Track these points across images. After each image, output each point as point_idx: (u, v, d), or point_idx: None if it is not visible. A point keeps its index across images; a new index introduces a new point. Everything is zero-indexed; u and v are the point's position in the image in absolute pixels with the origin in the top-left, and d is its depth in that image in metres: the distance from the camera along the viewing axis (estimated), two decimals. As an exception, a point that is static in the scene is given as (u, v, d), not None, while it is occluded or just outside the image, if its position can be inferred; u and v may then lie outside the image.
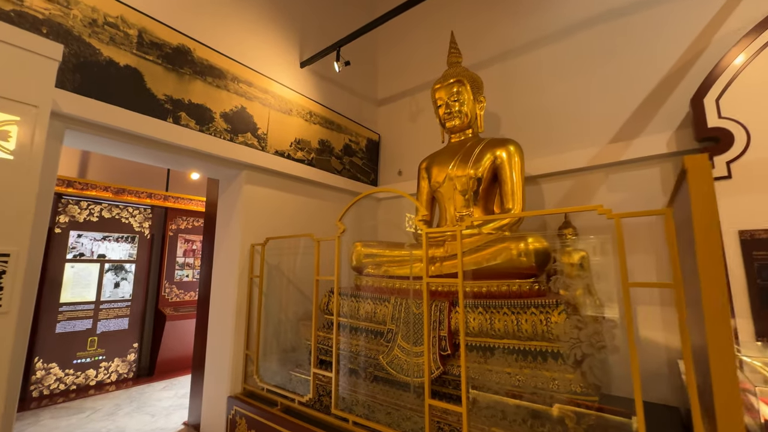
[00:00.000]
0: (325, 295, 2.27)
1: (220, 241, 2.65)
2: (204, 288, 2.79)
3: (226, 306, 2.44)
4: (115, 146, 1.97)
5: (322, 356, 2.09)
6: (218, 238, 2.68)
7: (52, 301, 3.42)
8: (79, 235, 3.64)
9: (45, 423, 2.71)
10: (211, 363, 2.49)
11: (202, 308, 2.78)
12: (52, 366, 3.35)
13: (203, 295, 2.80)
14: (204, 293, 2.78)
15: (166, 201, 4.21)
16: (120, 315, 3.81)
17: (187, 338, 4.11)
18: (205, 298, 2.74)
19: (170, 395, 3.30)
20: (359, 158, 3.53)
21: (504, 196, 2.24)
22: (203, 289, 2.80)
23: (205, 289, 2.78)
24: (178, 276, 4.33)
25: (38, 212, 1.59)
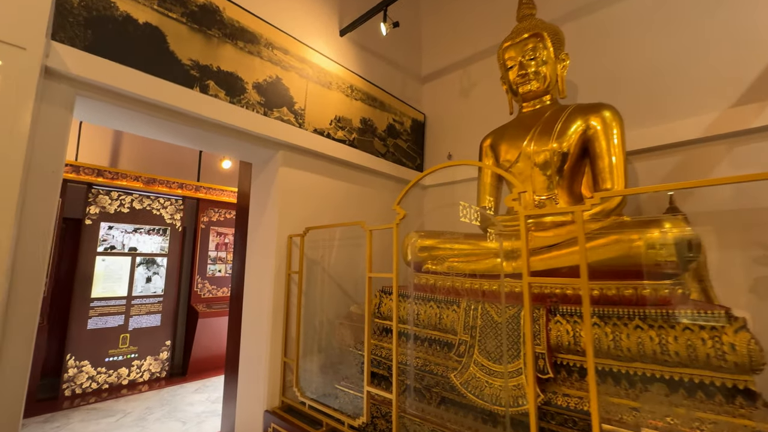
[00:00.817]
0: (375, 295, 1.91)
1: (254, 232, 2.35)
2: (237, 284, 2.51)
3: (261, 306, 2.14)
4: (133, 119, 1.69)
5: (374, 368, 1.74)
6: (252, 230, 2.39)
7: (83, 295, 3.29)
8: (110, 227, 3.50)
9: (73, 427, 2.54)
10: (246, 370, 2.21)
11: (235, 306, 2.51)
12: (84, 364, 3.23)
13: (236, 292, 2.52)
14: (237, 290, 2.51)
15: (198, 192, 4.02)
16: (152, 311, 3.66)
17: (220, 337, 3.91)
18: (238, 295, 2.46)
19: (202, 399, 3.09)
20: (404, 140, 3.15)
21: (599, 174, 1.79)
22: (236, 286, 2.53)
23: (238, 285, 2.50)
24: (210, 271, 4.14)
25: (38, 194, 1.33)
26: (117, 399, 3.10)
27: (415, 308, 1.75)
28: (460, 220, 2.70)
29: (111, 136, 3.86)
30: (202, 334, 3.76)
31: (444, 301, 1.66)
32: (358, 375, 1.92)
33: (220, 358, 3.95)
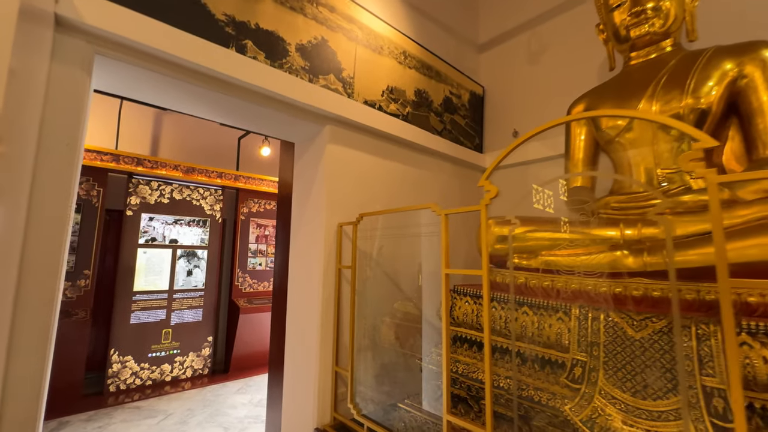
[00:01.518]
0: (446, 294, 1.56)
1: (298, 222, 2.08)
2: (280, 280, 2.26)
3: (308, 306, 1.86)
4: (159, 85, 1.44)
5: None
6: (295, 219, 2.11)
7: (126, 289, 3.22)
8: (151, 218, 3.41)
9: (115, 428, 2.43)
10: (292, 378, 1.95)
11: (278, 303, 2.27)
12: (128, 359, 3.16)
13: (279, 288, 2.28)
14: (280, 286, 2.26)
15: (237, 181, 3.86)
16: (193, 306, 3.55)
17: (262, 333, 3.75)
18: (281, 291, 2.22)
19: (245, 401, 2.91)
20: (461, 116, 2.76)
21: (758, 137, 1.32)
22: (279, 281, 2.28)
23: (280, 281, 2.25)
24: (251, 264, 3.99)
25: (48, 172, 1.10)
26: (160, 397, 3.00)
27: (501, 314, 1.38)
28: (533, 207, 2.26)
29: (150, 124, 3.78)
30: (244, 331, 3.61)
31: (544, 307, 1.28)
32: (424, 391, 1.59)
33: (263, 356, 3.79)
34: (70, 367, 2.79)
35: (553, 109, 2.57)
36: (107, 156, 3.13)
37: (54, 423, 2.53)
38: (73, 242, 3.02)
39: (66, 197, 1.16)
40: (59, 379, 2.75)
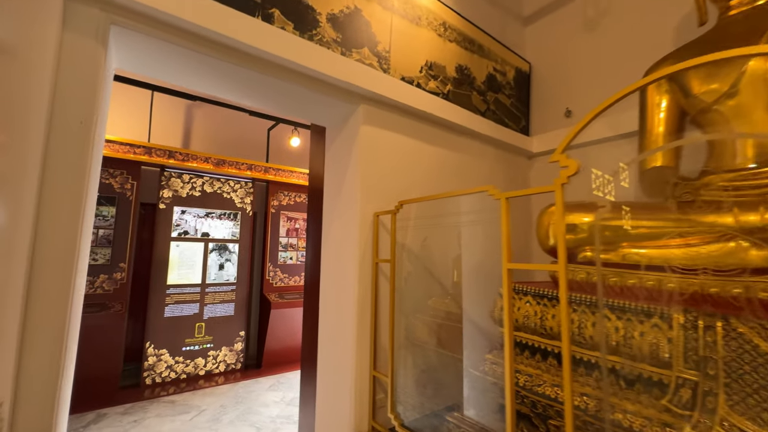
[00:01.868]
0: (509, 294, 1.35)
1: (330, 213, 1.93)
2: (311, 275, 2.13)
3: (342, 304, 1.71)
4: (180, 60, 1.32)
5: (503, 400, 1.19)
6: (327, 210, 1.97)
7: (160, 282, 3.23)
8: (183, 211, 3.39)
9: (148, 424, 2.41)
10: (325, 380, 1.81)
11: (310, 299, 2.14)
12: (163, 352, 3.17)
13: (310, 284, 2.15)
14: (311, 281, 2.13)
15: (267, 173, 3.78)
16: (226, 300, 3.52)
17: (294, 329, 3.68)
18: (313, 287, 2.08)
19: (277, 399, 2.83)
20: (506, 95, 2.50)
21: None
22: (310, 277, 2.15)
23: (312, 276, 2.12)
24: (281, 258, 3.92)
25: (60, 154, 1.00)
26: (194, 392, 2.98)
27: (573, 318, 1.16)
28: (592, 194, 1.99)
29: (182, 116, 3.77)
30: (276, 326, 3.54)
31: (632, 311, 1.04)
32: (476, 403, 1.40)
33: (295, 352, 3.73)
34: (107, 359, 2.81)
35: (616, 82, 2.26)
36: (140, 149, 3.13)
37: (92, 415, 2.55)
38: (108, 235, 3.04)
39: (80, 179, 1.05)
40: (97, 370, 2.78)
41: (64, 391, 1.09)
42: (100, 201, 3.02)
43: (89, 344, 2.73)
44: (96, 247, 2.99)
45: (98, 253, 2.99)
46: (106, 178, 3.07)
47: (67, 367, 1.09)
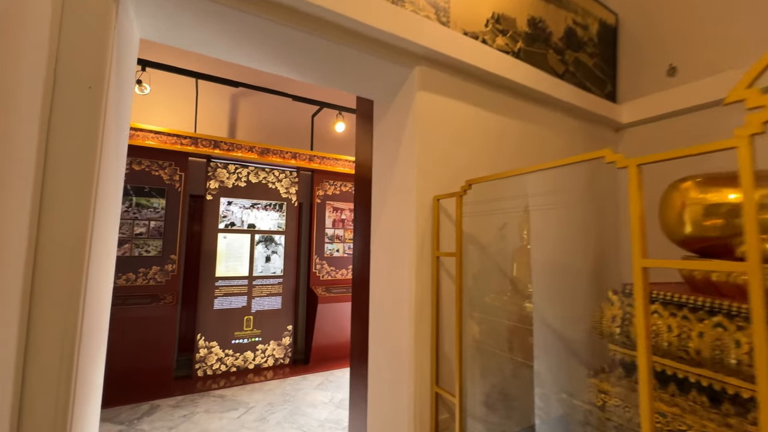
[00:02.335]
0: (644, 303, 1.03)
1: (381, 199, 1.68)
2: (360, 269, 1.92)
3: (396, 304, 1.46)
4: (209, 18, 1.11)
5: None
6: (377, 197, 1.72)
7: (209, 274, 3.21)
8: (229, 202, 3.35)
9: (198, 418, 2.36)
10: (378, 392, 1.58)
11: (359, 295, 1.93)
12: (213, 345, 3.16)
13: (359, 278, 1.93)
14: (360, 275, 1.92)
15: (312, 162, 3.63)
16: (273, 293, 3.44)
17: (342, 324, 3.53)
18: (362, 281, 1.87)
19: (326, 399, 2.68)
20: (588, 55, 2.07)
21: None
22: (359, 271, 1.93)
23: (361, 270, 1.90)
24: (328, 250, 3.78)
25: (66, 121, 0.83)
26: (243, 386, 2.94)
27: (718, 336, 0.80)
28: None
29: (227, 106, 3.73)
30: (323, 321, 3.41)
31: None
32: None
33: (343, 348, 3.59)
34: (161, 350, 2.84)
35: (740, 23, 1.76)
36: (186, 139, 3.11)
37: (147, 406, 2.57)
38: (159, 227, 3.06)
39: (89, 155, 0.88)
40: (151, 361, 2.81)
41: (84, 389, 0.96)
42: (150, 193, 3.05)
43: (143, 335, 2.76)
44: (148, 239, 3.03)
45: (150, 245, 3.03)
46: (156, 170, 3.08)
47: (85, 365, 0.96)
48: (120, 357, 2.71)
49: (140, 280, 2.97)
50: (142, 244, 3.00)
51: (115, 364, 2.71)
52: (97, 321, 1.05)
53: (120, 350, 2.70)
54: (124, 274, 2.92)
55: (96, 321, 1.04)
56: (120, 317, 2.66)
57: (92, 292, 0.96)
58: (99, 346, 1.11)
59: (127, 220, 2.97)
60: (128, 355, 2.74)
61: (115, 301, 2.76)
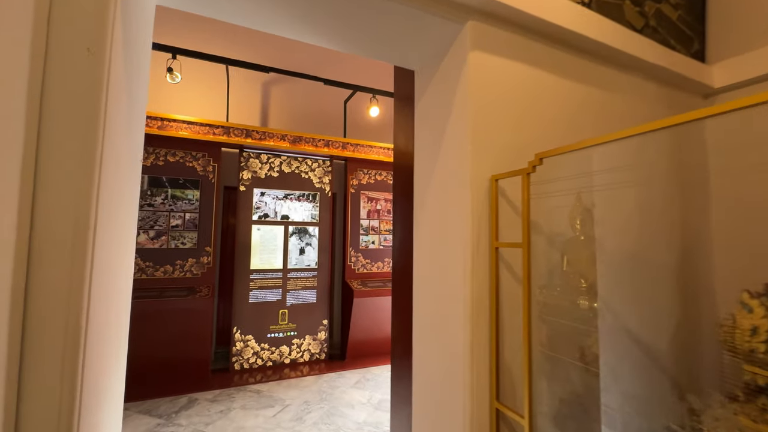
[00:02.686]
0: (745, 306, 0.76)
1: (424, 183, 1.48)
2: (401, 261, 1.73)
3: (446, 304, 1.26)
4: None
5: None
6: (420, 181, 1.53)
7: (244, 267, 3.16)
8: (262, 193, 3.27)
9: (234, 415, 2.31)
10: (425, 402, 1.40)
11: (400, 291, 1.75)
12: (249, 338, 3.12)
13: (399, 271, 1.75)
14: (401, 269, 1.74)
15: (345, 150, 3.48)
16: (307, 286, 3.35)
17: (379, 319, 3.39)
18: (403, 275, 1.69)
19: (363, 399, 2.55)
20: (671, 6, 1.74)
21: None
22: (400, 264, 1.75)
23: (402, 263, 1.72)
24: (363, 242, 3.63)
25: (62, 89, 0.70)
26: (279, 382, 2.87)
27: None
28: None
29: (259, 94, 3.65)
30: (359, 316, 3.27)
31: None
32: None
33: (380, 344, 3.45)
34: (198, 343, 2.82)
35: None
36: (219, 129, 3.05)
37: (185, 399, 2.56)
38: (194, 219, 3.04)
39: (90, 127, 0.75)
40: (189, 353, 2.81)
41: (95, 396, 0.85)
42: (185, 185, 3.03)
43: (180, 328, 2.75)
44: (184, 231, 3.01)
45: (186, 237, 3.01)
46: (190, 161, 3.05)
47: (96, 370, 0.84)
48: (158, 349, 2.72)
49: (177, 272, 2.97)
50: (178, 236, 2.99)
51: (154, 356, 2.73)
52: (110, 320, 0.94)
53: (158, 342, 2.71)
54: (162, 266, 2.93)
55: (109, 320, 0.93)
56: (158, 309, 2.66)
57: (102, 289, 0.84)
58: (115, 348, 1.00)
59: (163, 212, 2.97)
60: (167, 347, 2.75)
61: (153, 293, 2.76)
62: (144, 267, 2.88)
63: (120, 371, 1.05)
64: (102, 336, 0.87)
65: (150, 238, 2.91)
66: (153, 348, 2.71)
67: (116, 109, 0.86)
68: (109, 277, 0.90)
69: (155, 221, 2.94)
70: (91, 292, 0.77)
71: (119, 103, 0.88)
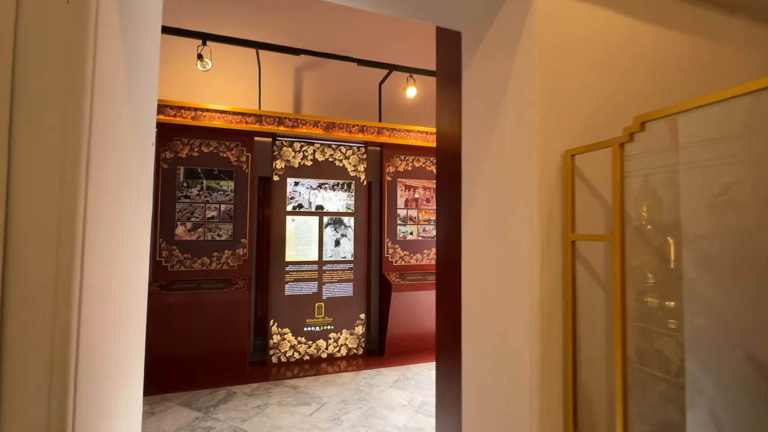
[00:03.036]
0: None
1: (475, 163, 1.27)
2: (446, 252, 1.54)
3: (506, 306, 1.06)
4: None
5: None
6: (470, 161, 1.31)
7: (279, 258, 3.10)
8: (296, 183, 3.17)
9: (270, 413, 2.24)
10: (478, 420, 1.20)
11: (446, 284, 1.57)
12: (286, 332, 3.07)
13: (445, 265, 1.56)
14: (446, 261, 1.55)
15: (380, 135, 3.29)
16: (343, 279, 3.24)
17: (419, 314, 3.22)
18: (448, 269, 1.51)
19: (404, 401, 2.40)
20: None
21: None
22: (444, 255, 1.56)
23: (447, 255, 1.53)
24: (400, 233, 3.44)
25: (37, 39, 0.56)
26: (316, 377, 2.79)
27: None
28: None
29: (291, 81, 3.54)
30: (398, 310, 3.12)
31: None
32: None
33: (421, 340, 3.29)
34: (235, 335, 2.80)
35: None
36: (251, 117, 2.97)
37: (223, 392, 2.54)
38: (229, 210, 3.00)
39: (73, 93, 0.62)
40: (227, 346, 2.79)
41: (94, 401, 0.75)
42: (219, 176, 2.99)
43: (218, 320, 2.74)
44: (219, 223, 2.99)
45: (221, 229, 2.98)
46: (223, 152, 3.01)
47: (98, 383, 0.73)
48: (198, 340, 2.72)
49: (214, 265, 2.95)
50: (214, 228, 2.97)
51: (194, 348, 2.74)
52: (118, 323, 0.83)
53: (198, 334, 2.71)
54: (199, 258, 2.93)
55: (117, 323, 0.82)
56: (196, 301, 2.66)
57: (101, 289, 0.72)
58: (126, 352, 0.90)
59: (199, 204, 2.95)
60: (206, 338, 2.74)
61: (191, 285, 2.76)
62: (182, 259, 2.89)
63: (134, 376, 0.95)
64: (105, 342, 0.76)
65: (187, 230, 2.91)
66: (193, 339, 2.72)
67: (110, 79, 0.73)
68: (112, 275, 0.78)
69: (192, 213, 2.93)
70: (83, 294, 0.65)
71: (114, 73, 0.75)
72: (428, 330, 3.31)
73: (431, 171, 3.58)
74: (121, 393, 0.86)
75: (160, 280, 2.82)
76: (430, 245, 3.54)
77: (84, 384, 0.67)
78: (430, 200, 3.56)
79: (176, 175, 2.91)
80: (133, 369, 0.94)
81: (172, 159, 2.90)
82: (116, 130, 0.77)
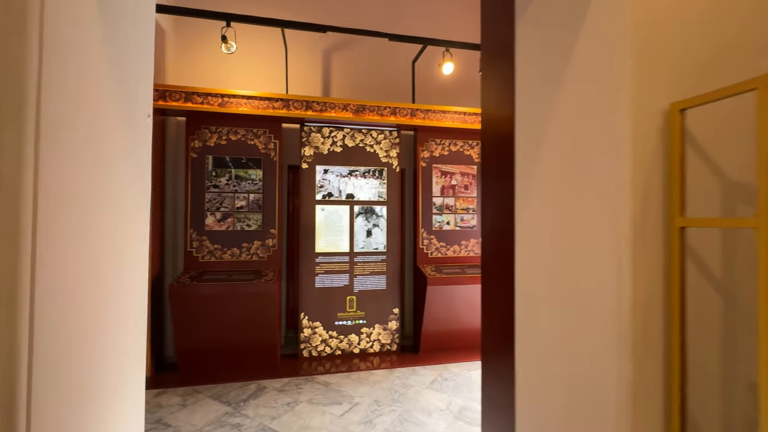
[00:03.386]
0: None
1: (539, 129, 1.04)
2: (493, 242, 1.33)
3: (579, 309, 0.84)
4: None
5: None
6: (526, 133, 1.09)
7: (309, 249, 2.99)
8: (325, 170, 3.03)
9: (300, 411, 2.15)
10: None
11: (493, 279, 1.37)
12: (317, 325, 2.96)
13: (491, 256, 1.36)
14: (493, 253, 1.34)
15: (414, 117, 3.07)
16: (376, 271, 3.08)
17: (457, 310, 3.02)
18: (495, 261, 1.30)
19: (441, 405, 2.22)
20: None
21: None
22: (491, 245, 1.34)
23: (494, 244, 1.31)
24: (436, 223, 3.22)
25: None
26: (348, 374, 2.68)
27: None
28: None
29: (319, 64, 3.39)
30: (434, 305, 2.93)
31: None
32: None
33: (459, 338, 3.09)
34: (266, 328, 2.74)
35: None
36: (278, 102, 2.85)
37: (254, 386, 2.49)
38: (258, 200, 2.92)
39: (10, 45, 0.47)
40: (258, 338, 2.73)
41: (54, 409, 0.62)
42: (247, 164, 2.91)
43: (248, 312, 2.67)
44: (248, 212, 2.91)
45: (251, 219, 2.91)
46: (251, 139, 2.91)
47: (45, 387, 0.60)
48: (230, 332, 2.68)
49: (244, 255, 2.89)
50: (243, 218, 2.90)
51: (226, 340, 2.70)
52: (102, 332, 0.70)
53: (229, 326, 2.67)
54: (229, 249, 2.87)
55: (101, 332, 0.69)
56: (226, 293, 2.60)
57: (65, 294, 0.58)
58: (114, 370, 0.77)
59: (228, 194, 2.89)
60: (237, 331, 2.69)
61: (221, 276, 2.71)
62: (213, 250, 2.85)
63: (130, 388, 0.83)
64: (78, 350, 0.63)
65: (217, 221, 2.86)
66: (224, 331, 2.68)
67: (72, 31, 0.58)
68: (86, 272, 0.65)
69: (221, 203, 2.87)
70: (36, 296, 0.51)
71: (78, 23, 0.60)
72: (467, 326, 3.09)
73: (470, 155, 3.31)
74: (110, 407, 0.74)
75: (191, 270, 2.80)
76: (469, 236, 3.30)
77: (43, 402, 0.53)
78: (468, 187, 3.30)
79: (205, 165, 2.86)
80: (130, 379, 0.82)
81: (200, 148, 2.85)
82: (88, 99, 0.63)
